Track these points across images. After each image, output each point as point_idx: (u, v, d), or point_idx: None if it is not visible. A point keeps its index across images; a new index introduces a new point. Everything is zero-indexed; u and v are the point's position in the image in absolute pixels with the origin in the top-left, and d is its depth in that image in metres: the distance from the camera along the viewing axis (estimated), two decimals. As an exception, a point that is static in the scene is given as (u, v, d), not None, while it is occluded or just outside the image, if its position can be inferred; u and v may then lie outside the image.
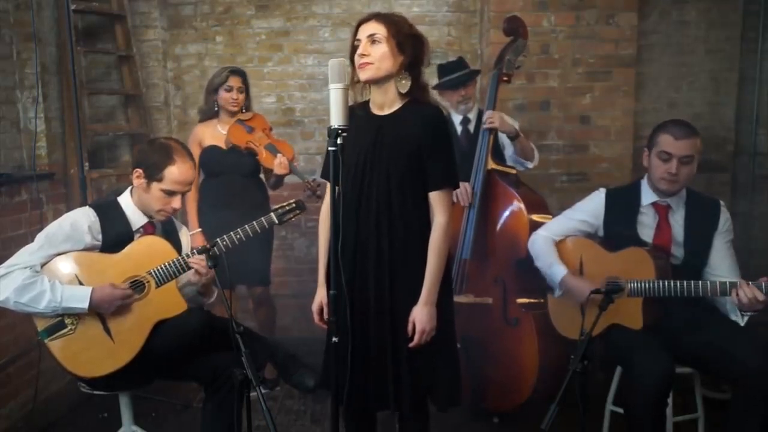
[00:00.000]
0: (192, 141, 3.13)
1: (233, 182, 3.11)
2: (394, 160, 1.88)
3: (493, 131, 2.82)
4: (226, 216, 2.90)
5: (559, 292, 2.41)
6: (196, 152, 3.10)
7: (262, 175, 3.23)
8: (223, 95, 3.08)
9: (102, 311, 2.07)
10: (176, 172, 2.14)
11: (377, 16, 1.86)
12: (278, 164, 3.01)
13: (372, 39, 1.82)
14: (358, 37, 1.86)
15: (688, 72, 3.90)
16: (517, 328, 2.72)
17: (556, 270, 2.39)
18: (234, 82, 3.08)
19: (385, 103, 1.92)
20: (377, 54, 1.82)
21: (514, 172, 2.92)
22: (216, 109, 3.14)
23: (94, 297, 2.03)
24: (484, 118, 2.80)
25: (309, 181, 3.01)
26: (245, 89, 3.13)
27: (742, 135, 3.98)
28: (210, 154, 3.10)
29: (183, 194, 2.20)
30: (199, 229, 3.08)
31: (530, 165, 2.95)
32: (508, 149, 2.95)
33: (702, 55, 3.89)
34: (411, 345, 1.87)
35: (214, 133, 3.13)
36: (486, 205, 2.81)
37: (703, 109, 3.91)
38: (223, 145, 3.10)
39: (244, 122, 3.11)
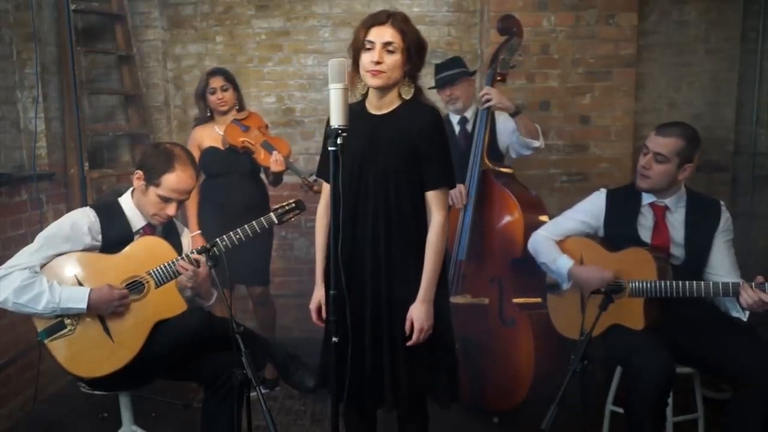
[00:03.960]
0: (191, 144, 3.14)
1: (232, 182, 3.12)
2: (390, 160, 1.89)
3: (491, 117, 2.83)
4: (226, 216, 2.90)
5: (568, 285, 2.40)
6: (196, 155, 3.09)
7: (262, 175, 3.23)
8: (209, 98, 3.11)
9: (100, 312, 2.07)
10: (174, 180, 2.13)
11: (392, 21, 1.83)
12: (274, 161, 3.01)
13: (388, 48, 1.81)
14: (371, 38, 1.83)
15: (688, 72, 3.91)
16: (514, 328, 2.72)
17: (562, 262, 2.38)
18: (215, 83, 3.09)
19: (383, 104, 1.92)
20: (391, 63, 1.82)
21: (510, 171, 2.92)
22: (209, 113, 3.16)
23: (92, 297, 2.03)
24: (480, 94, 2.80)
25: (305, 177, 3.01)
26: (232, 87, 3.13)
27: (742, 135, 3.99)
28: (209, 155, 3.11)
29: (180, 202, 2.20)
30: (199, 231, 3.09)
31: (537, 144, 2.91)
32: (513, 136, 2.93)
33: (702, 55, 3.89)
34: (409, 343, 1.87)
35: (212, 135, 3.14)
36: (481, 206, 2.80)
37: (703, 109, 3.92)
38: (220, 146, 3.11)
39: (239, 122, 3.12)
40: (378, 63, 1.82)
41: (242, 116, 3.14)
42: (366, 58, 1.84)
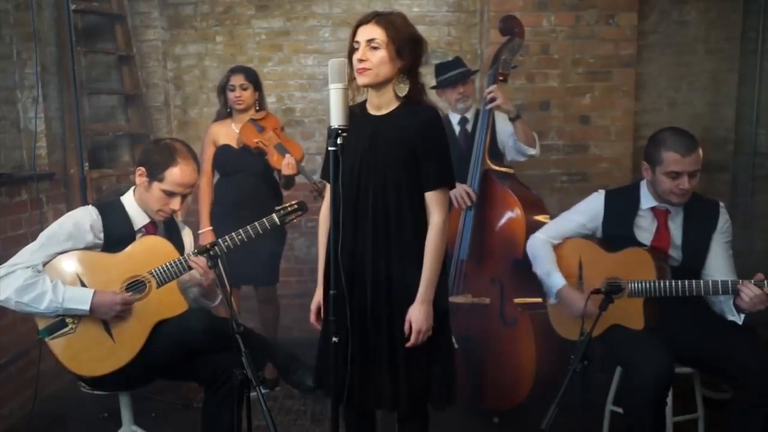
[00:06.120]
0: (207, 140, 3.17)
1: (245, 182, 3.12)
2: (389, 160, 1.89)
3: (492, 116, 2.84)
4: (239, 215, 2.89)
5: (555, 301, 2.41)
6: (211, 151, 3.14)
7: (276, 173, 3.23)
8: (228, 95, 3.13)
9: (101, 316, 2.07)
10: (177, 173, 2.14)
11: (377, 19, 1.84)
12: (286, 164, 3.01)
13: (371, 44, 1.82)
14: (357, 39, 1.84)
15: (688, 72, 3.91)
16: (515, 328, 2.72)
17: (554, 280, 2.38)
18: (235, 80, 3.10)
19: (382, 103, 1.92)
20: (376, 60, 1.82)
21: (511, 171, 2.92)
22: (228, 109, 3.18)
23: (95, 300, 2.03)
24: (485, 93, 2.79)
25: (316, 182, 3.01)
26: (253, 86, 3.13)
27: (742, 135, 3.99)
28: (223, 153, 3.13)
29: (184, 196, 2.20)
30: (210, 228, 3.11)
31: (533, 152, 2.93)
32: (510, 140, 2.94)
33: (702, 55, 3.89)
34: (408, 345, 1.87)
35: (228, 132, 3.15)
36: (483, 206, 2.80)
37: (703, 109, 3.92)
38: (235, 144, 3.12)
39: (256, 122, 3.12)
40: (362, 60, 1.82)
41: (259, 116, 3.14)
42: (354, 58, 1.85)
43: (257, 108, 3.16)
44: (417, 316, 1.86)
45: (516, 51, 2.83)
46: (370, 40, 1.82)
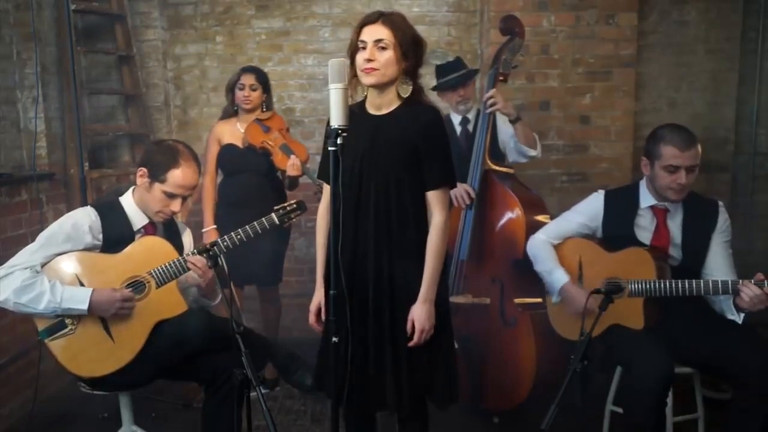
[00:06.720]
0: (212, 138, 3.17)
1: (249, 181, 3.13)
2: (391, 160, 1.89)
3: (492, 117, 2.83)
4: (242, 215, 2.89)
5: (557, 299, 2.41)
6: (215, 149, 3.15)
7: (279, 174, 3.23)
8: (237, 93, 3.12)
9: (101, 314, 2.07)
10: (180, 175, 2.14)
11: (383, 19, 1.84)
12: (291, 165, 3.01)
13: (379, 45, 1.82)
14: (363, 38, 1.84)
15: (688, 72, 3.91)
16: (515, 328, 2.72)
17: (557, 276, 2.38)
18: (245, 80, 3.10)
19: (383, 103, 1.92)
20: (384, 60, 1.82)
21: (511, 172, 2.92)
22: (235, 108, 3.17)
23: (93, 299, 2.03)
24: (485, 98, 2.78)
25: (320, 185, 3.02)
26: (262, 88, 3.14)
27: (742, 135, 3.99)
28: (227, 152, 3.13)
29: (184, 198, 2.20)
30: (214, 226, 3.11)
31: (533, 153, 2.93)
32: (510, 141, 2.94)
33: (702, 55, 3.89)
34: (411, 344, 1.87)
35: (233, 131, 3.15)
36: (483, 206, 2.80)
37: (703, 109, 3.92)
38: (240, 144, 3.12)
39: (261, 122, 3.13)
40: (370, 60, 1.82)
41: (265, 117, 3.15)
42: (359, 58, 1.85)
43: (263, 109, 3.16)
44: (419, 315, 1.86)
45: (516, 51, 2.83)
46: (378, 41, 1.82)
